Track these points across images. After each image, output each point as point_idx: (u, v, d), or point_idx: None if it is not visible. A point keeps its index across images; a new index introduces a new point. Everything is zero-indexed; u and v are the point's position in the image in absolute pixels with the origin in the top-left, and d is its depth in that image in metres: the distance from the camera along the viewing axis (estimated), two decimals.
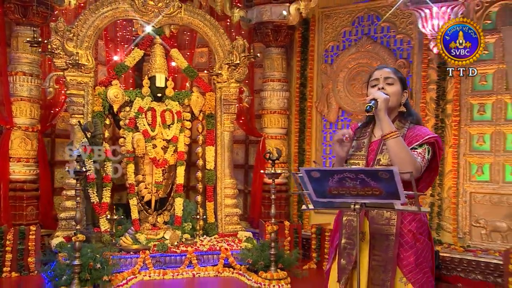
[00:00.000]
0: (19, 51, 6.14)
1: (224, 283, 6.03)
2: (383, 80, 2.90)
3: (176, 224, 6.52)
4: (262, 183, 7.57)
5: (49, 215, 6.55)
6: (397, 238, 2.77)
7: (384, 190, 2.43)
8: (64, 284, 4.88)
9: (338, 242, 3.05)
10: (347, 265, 2.92)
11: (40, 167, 6.39)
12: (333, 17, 7.63)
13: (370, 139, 2.97)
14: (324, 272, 3.23)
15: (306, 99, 7.81)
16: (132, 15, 6.35)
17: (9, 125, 6.08)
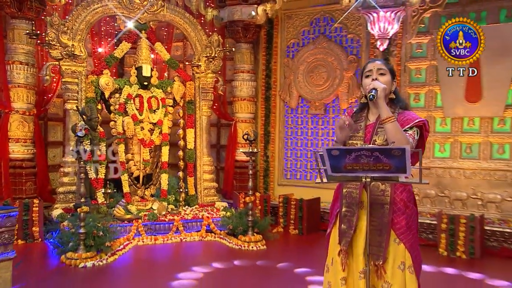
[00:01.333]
0: (15, 42, 6.00)
1: (208, 246, 6.12)
2: (376, 71, 2.88)
3: (162, 197, 6.58)
4: (234, 161, 7.64)
5: (46, 190, 6.50)
6: (391, 206, 2.80)
7: (394, 165, 2.47)
8: (71, 249, 4.93)
9: (338, 210, 3.02)
10: (347, 229, 2.93)
11: (36, 147, 6.33)
12: (294, 18, 7.72)
13: (366, 123, 2.97)
14: (325, 236, 3.18)
15: (271, 88, 7.92)
16: (120, 11, 6.26)
17: (8, 109, 5.97)
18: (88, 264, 4.87)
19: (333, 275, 2.98)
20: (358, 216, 2.84)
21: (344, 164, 2.44)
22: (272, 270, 5.30)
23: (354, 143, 2.89)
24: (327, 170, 2.50)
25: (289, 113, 7.88)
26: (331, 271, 3.01)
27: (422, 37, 6.90)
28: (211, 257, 5.72)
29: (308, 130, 7.74)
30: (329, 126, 7.69)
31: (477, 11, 6.68)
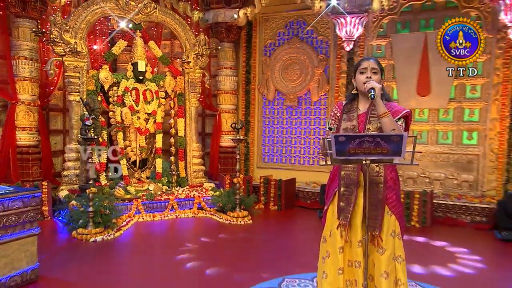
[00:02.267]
0: (20, 39, 5.95)
1: (201, 221, 6.20)
2: (370, 69, 2.92)
3: (157, 179, 6.65)
4: (219, 147, 7.71)
5: (50, 173, 6.50)
6: (384, 185, 2.88)
7: (391, 149, 2.54)
8: (82, 226, 5.04)
9: (336, 189, 3.08)
10: (346, 206, 2.99)
11: (40, 134, 6.30)
12: (271, 21, 7.81)
13: (357, 112, 3.00)
14: (323, 212, 3.25)
15: (250, 83, 8.01)
16: (116, 13, 6.27)
17: (14, 100, 5.95)
18: (98, 238, 4.94)
19: (331, 245, 3.05)
20: (356, 194, 2.94)
21: (348, 148, 2.51)
22: (261, 241, 5.44)
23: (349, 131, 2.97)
24: (332, 154, 2.57)
25: (267, 104, 7.99)
26: (329, 242, 3.09)
27: (381, 39, 7.16)
28: (207, 230, 5.78)
29: (283, 119, 7.90)
30: (301, 116, 7.86)
31: (426, 19, 6.94)
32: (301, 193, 7.36)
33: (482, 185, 6.70)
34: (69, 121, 6.16)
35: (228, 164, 7.66)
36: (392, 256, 2.90)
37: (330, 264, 3.01)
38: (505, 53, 6.43)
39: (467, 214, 6.44)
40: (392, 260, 2.90)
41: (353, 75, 3.01)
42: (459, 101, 6.81)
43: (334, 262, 3.00)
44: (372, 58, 3.05)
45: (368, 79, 2.82)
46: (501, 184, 6.54)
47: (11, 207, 3.59)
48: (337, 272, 2.98)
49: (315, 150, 7.82)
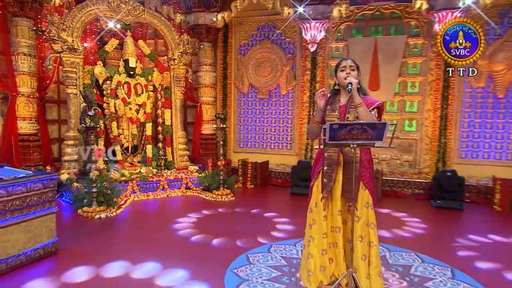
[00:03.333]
0: (18, 37, 5.78)
1: (189, 199, 6.22)
2: (349, 67, 3.00)
3: (148, 162, 6.65)
4: (200, 134, 7.71)
5: (49, 158, 6.40)
6: (360, 164, 2.97)
7: (374, 135, 2.63)
8: (86, 205, 5.06)
9: (321, 168, 3.15)
10: (328, 182, 3.08)
11: (39, 124, 6.18)
12: (245, 24, 7.85)
13: (339, 104, 3.08)
14: (309, 187, 3.33)
15: (227, 78, 8.01)
16: (109, 14, 6.19)
17: (15, 92, 5.81)
18: (102, 215, 4.98)
19: (317, 214, 3.15)
20: (337, 172, 3.05)
21: (339, 134, 2.60)
22: (244, 214, 5.46)
23: (332, 119, 3.02)
24: (325, 139, 2.63)
25: (242, 97, 8.05)
26: (314, 212, 3.18)
27: (339, 42, 7.33)
28: (196, 206, 5.73)
29: (256, 110, 7.98)
30: (272, 107, 7.93)
31: (376, 26, 7.09)
32: (273, 173, 7.51)
33: (419, 164, 7.02)
34: (67, 112, 6.04)
35: (209, 149, 7.70)
36: (366, 223, 3.02)
37: (316, 230, 3.12)
38: (437, 56, 6.67)
39: (408, 188, 6.79)
40: (366, 226, 3.02)
41: (335, 74, 3.09)
42: (402, 95, 7.06)
43: (319, 228, 3.11)
44: (349, 58, 3.12)
45: (348, 75, 2.91)
46: (434, 163, 6.91)
47: (33, 189, 3.59)
48: (322, 236, 3.10)
49: (284, 137, 7.86)
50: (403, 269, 3.54)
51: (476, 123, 6.72)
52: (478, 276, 3.44)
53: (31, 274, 3.31)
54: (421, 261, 3.73)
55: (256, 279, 3.29)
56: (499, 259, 3.88)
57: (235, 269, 3.50)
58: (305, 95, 7.49)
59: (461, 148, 6.84)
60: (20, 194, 3.49)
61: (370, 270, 2.97)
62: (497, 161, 6.63)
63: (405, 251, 4.02)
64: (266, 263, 3.66)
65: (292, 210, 5.82)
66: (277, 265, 3.62)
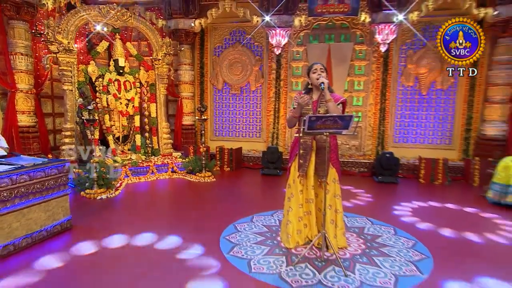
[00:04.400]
0: (15, 38, 5.64)
1: (176, 181, 6.22)
2: (319, 70, 3.12)
3: (137, 150, 6.61)
4: (181, 125, 7.72)
5: (47, 148, 6.30)
6: (329, 148, 3.00)
7: (342, 125, 2.75)
8: (88, 187, 5.06)
9: (297, 152, 3.27)
10: (304, 163, 3.22)
11: (37, 117, 6.06)
12: (219, 29, 7.85)
13: (312, 100, 3.19)
14: (287, 169, 3.42)
15: (204, 76, 8.02)
16: (100, 19, 6.08)
17: (14, 89, 5.68)
18: (103, 196, 5.01)
19: (294, 189, 3.31)
20: (310, 155, 3.22)
21: (316, 125, 2.76)
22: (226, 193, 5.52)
23: (307, 113, 3.13)
24: (304, 128, 2.78)
25: (217, 92, 8.09)
26: (292, 187, 3.32)
27: (300, 47, 7.49)
28: (183, 187, 5.75)
29: (229, 104, 8.02)
30: (243, 101, 7.98)
31: (329, 34, 7.28)
32: (246, 158, 7.64)
33: (364, 148, 7.34)
34: (64, 106, 5.91)
35: (189, 138, 7.74)
36: (334, 195, 3.24)
37: (294, 201, 3.30)
38: (377, 60, 7.07)
39: (355, 167, 7.11)
40: (333, 197, 3.24)
41: (307, 75, 3.24)
42: (350, 92, 7.33)
43: (297, 200, 3.29)
44: (319, 62, 3.24)
45: (319, 76, 3.07)
46: (375, 146, 7.26)
47: (50, 174, 3.62)
48: (298, 207, 3.30)
49: (254, 127, 7.98)
50: (359, 230, 3.89)
51: (406, 115, 7.23)
52: (411, 230, 3.88)
53: (53, 246, 3.40)
54: (371, 224, 4.10)
55: (245, 243, 3.46)
56: (424, 217, 4.37)
57: (227, 236, 3.65)
58: (271, 91, 7.61)
59: (395, 135, 7.32)
60: (40, 179, 3.52)
61: (337, 231, 3.27)
62: (422, 144, 7.22)
63: (359, 217, 4.35)
64: (251, 231, 3.81)
65: (265, 188, 6.01)
66: (260, 232, 3.77)
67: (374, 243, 3.53)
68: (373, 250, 3.37)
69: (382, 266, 3.04)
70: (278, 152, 6.97)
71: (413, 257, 3.22)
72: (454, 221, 4.30)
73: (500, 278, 2.91)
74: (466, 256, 3.33)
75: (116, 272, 2.92)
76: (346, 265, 2.99)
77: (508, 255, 3.43)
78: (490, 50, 6.46)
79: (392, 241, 3.59)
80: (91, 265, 3.04)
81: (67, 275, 2.86)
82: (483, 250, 3.50)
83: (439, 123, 7.12)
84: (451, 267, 3.05)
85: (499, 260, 3.27)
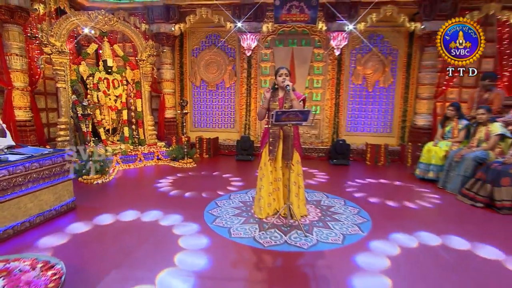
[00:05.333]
0: (10, 40, 5.53)
1: (162, 167, 6.25)
2: (284, 74, 3.27)
3: (125, 141, 6.66)
4: (164, 118, 7.73)
5: (43, 140, 6.26)
6: (292, 137, 3.25)
7: (303, 118, 2.91)
8: (85, 174, 5.12)
9: (267, 140, 3.43)
10: (273, 149, 3.40)
11: (33, 112, 6.00)
12: (196, 33, 7.86)
13: (278, 97, 3.36)
14: (259, 155, 3.57)
15: (183, 74, 8.02)
16: (89, 23, 6.07)
17: (10, 86, 5.62)
18: (99, 181, 5.10)
19: (265, 170, 3.50)
20: (278, 142, 3.43)
21: (282, 117, 2.94)
22: (206, 176, 5.67)
23: (275, 108, 3.32)
24: (272, 119, 2.93)
25: (195, 89, 8.14)
26: (264, 169, 3.52)
27: (267, 50, 7.66)
28: (169, 172, 5.84)
29: (206, 99, 8.12)
30: (218, 97, 8.06)
31: (292, 39, 7.50)
32: (222, 146, 7.80)
33: (322, 136, 7.67)
34: (58, 102, 5.90)
35: (171, 129, 7.78)
36: (297, 174, 3.50)
37: (265, 180, 3.53)
38: (332, 62, 7.39)
39: (315, 152, 7.45)
40: (297, 175, 3.50)
41: (274, 76, 3.39)
42: (310, 89, 7.62)
43: (267, 179, 3.52)
44: (284, 67, 3.35)
45: (284, 79, 3.26)
46: (331, 135, 7.60)
47: (56, 162, 3.77)
48: (269, 184, 3.53)
49: (228, 119, 8.13)
50: (316, 202, 4.25)
51: (356, 108, 7.65)
52: (357, 201, 4.34)
53: (62, 223, 3.56)
54: (326, 197, 4.46)
55: (225, 216, 3.72)
56: (367, 191, 4.82)
57: (210, 210, 3.88)
58: (243, 87, 7.79)
59: (347, 125, 7.72)
60: (48, 166, 3.66)
61: (299, 203, 3.60)
62: (368, 132, 7.69)
63: (317, 192, 4.69)
64: (229, 206, 4.05)
65: (239, 171, 6.24)
66: (237, 206, 4.02)
67: (328, 212, 3.91)
68: (327, 217, 3.74)
69: (334, 228, 3.46)
70: (250, 140, 7.27)
71: (357, 221, 3.67)
72: (390, 193, 4.83)
73: (429, 231, 3.41)
74: (397, 218, 3.85)
75: (119, 240, 3.15)
76: (306, 229, 3.38)
77: (432, 215, 4.00)
78: (419, 56, 7.15)
79: (342, 210, 3.98)
80: (97, 236, 3.26)
81: (77, 245, 3.08)
82: (412, 213, 4.05)
83: (382, 115, 7.68)
84: (384, 227, 3.56)
85: (426, 219, 3.80)
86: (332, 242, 3.15)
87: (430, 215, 4.06)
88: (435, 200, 4.60)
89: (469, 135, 5.25)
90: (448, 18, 6.01)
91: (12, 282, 2.13)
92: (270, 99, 3.34)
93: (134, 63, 6.91)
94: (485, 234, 3.43)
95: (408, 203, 4.45)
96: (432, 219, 3.90)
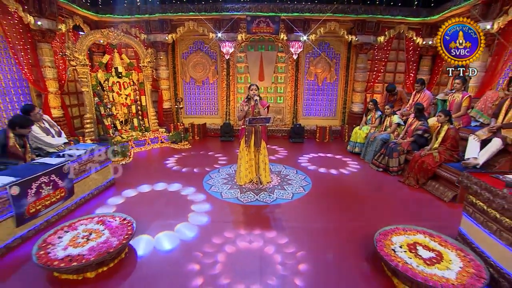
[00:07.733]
0: (43, 56, 6.15)
1: (165, 149, 6.80)
2: (255, 89, 3.85)
3: (135, 129, 7.24)
4: (162, 109, 8.29)
5: (73, 131, 6.91)
6: (261, 132, 3.78)
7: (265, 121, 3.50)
8: (112, 157, 5.63)
9: (244, 134, 3.94)
10: (248, 140, 3.93)
11: (63, 110, 6.63)
12: (185, 40, 8.22)
13: (250, 106, 3.89)
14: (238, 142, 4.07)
15: (176, 73, 8.42)
16: (103, 39, 6.61)
17: (46, 92, 6.28)
18: (123, 162, 5.75)
19: (243, 153, 4.12)
20: (251, 135, 4.09)
21: (253, 122, 3.72)
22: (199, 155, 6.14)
23: (248, 113, 3.94)
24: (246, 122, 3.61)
25: (186, 84, 8.55)
26: (241, 152, 4.15)
27: (242, 53, 8.13)
28: (172, 152, 6.30)
29: (195, 92, 8.58)
30: (204, 90, 8.46)
31: (261, 45, 8.00)
32: (209, 129, 8.38)
33: (284, 120, 8.45)
34: (84, 102, 6.51)
35: (168, 117, 8.34)
36: (264, 155, 4.22)
37: (243, 160, 4.23)
38: (292, 63, 8.06)
39: (279, 133, 8.32)
40: (264, 156, 4.21)
41: (248, 89, 3.99)
42: (275, 84, 8.30)
43: (244, 159, 4.22)
44: (255, 84, 3.91)
45: (254, 93, 3.91)
46: (291, 119, 8.39)
47: (102, 153, 4.68)
48: (245, 162, 4.24)
49: (213, 107, 8.62)
50: (278, 172, 5.11)
51: (310, 98, 8.53)
52: (307, 171, 5.16)
53: (108, 194, 4.40)
54: (285, 169, 5.24)
55: (217, 184, 4.56)
56: (314, 162, 5.71)
57: (206, 181, 4.72)
58: (224, 83, 8.33)
59: (303, 111, 8.57)
60: (97, 157, 4.59)
61: (266, 174, 4.44)
62: (318, 117, 8.59)
63: (278, 165, 5.47)
64: (219, 177, 4.84)
65: (224, 150, 6.87)
66: (224, 177, 4.80)
67: (285, 179, 4.81)
68: (284, 182, 4.65)
69: (287, 189, 4.41)
70: (230, 125, 8.09)
71: (303, 184, 4.65)
72: (328, 163, 5.84)
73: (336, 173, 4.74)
74: (331, 181, 4.98)
75: (155, 203, 4.13)
76: (270, 190, 4.30)
77: (357, 179, 5.06)
78: (355, 60, 8.48)
79: (293, 177, 4.90)
80: (135, 201, 4.09)
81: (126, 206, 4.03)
82: (342, 178, 5.27)
83: (328, 103, 8.72)
84: (321, 188, 4.70)
85: (354, 183, 4.93)
86: (286, 198, 4.10)
87: (350, 177, 5.38)
88: (357, 167, 5.92)
89: (381, 123, 6.84)
90: (373, 34, 7.45)
91: (109, 227, 3.47)
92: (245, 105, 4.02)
93: (137, 68, 7.49)
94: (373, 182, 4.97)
95: (341, 170, 5.62)
96: (350, 180, 5.25)
